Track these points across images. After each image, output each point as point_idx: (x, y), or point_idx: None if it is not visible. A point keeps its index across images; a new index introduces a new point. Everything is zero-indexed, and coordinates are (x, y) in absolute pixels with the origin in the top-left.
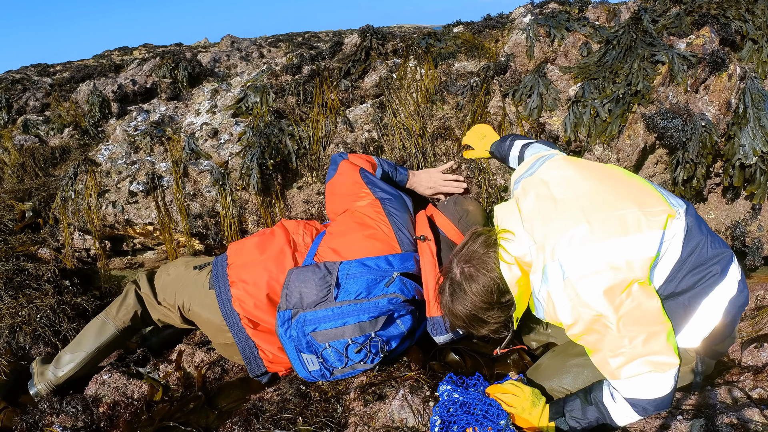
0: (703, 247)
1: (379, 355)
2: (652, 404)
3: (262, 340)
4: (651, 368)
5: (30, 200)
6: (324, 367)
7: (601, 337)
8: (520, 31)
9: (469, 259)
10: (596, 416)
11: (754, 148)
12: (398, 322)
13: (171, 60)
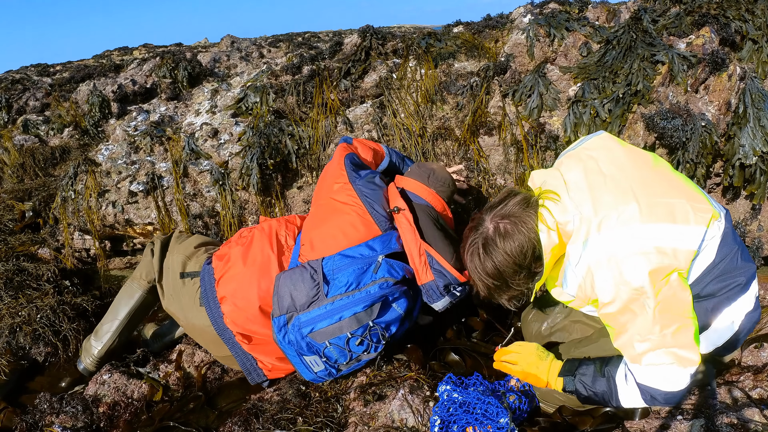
0: (734, 256)
1: (381, 343)
2: (662, 396)
3: (259, 352)
4: (673, 360)
5: (30, 200)
6: (329, 365)
7: (632, 318)
8: (520, 31)
9: (506, 216)
10: (604, 389)
11: (754, 148)
12: (394, 306)
13: (171, 60)
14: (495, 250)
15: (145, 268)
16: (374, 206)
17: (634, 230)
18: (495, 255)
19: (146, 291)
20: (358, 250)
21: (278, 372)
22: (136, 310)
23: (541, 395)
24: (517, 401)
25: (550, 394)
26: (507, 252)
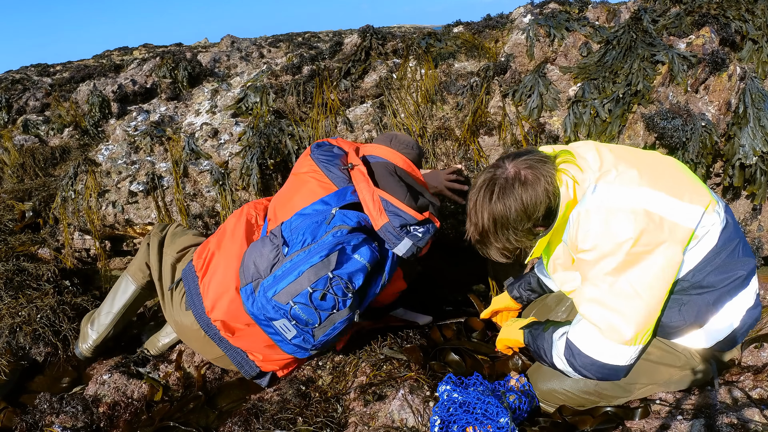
0: (736, 247)
1: (348, 297)
2: (580, 358)
3: (246, 342)
4: (603, 326)
5: (30, 200)
6: (300, 329)
7: (600, 265)
8: (520, 31)
9: (529, 166)
10: (543, 344)
11: (754, 148)
12: (355, 256)
13: (171, 60)
14: (511, 194)
15: (139, 266)
16: (330, 168)
17: (629, 189)
18: (508, 199)
19: (141, 287)
20: (312, 207)
21: (271, 362)
22: (131, 305)
23: (541, 395)
24: (517, 401)
25: (551, 393)
26: (522, 199)
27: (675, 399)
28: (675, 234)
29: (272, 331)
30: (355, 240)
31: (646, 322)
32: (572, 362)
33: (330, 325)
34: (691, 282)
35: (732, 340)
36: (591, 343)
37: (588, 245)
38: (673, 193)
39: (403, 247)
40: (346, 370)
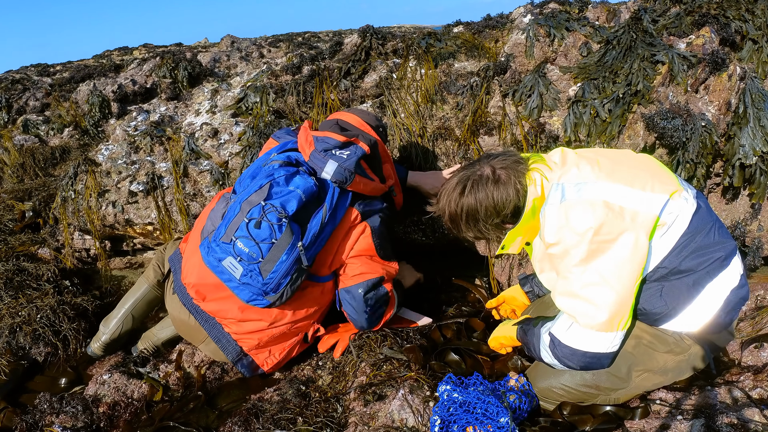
0: (710, 231)
1: (283, 222)
2: (562, 349)
3: (216, 305)
4: (579, 316)
5: (30, 200)
6: (246, 265)
7: (567, 262)
8: (520, 31)
9: (504, 167)
10: (532, 339)
11: (754, 148)
12: (289, 187)
13: (171, 60)
14: (482, 190)
15: (152, 266)
16: (280, 135)
17: (588, 184)
18: (479, 194)
19: (152, 285)
20: (258, 162)
21: (246, 336)
22: (141, 302)
23: (540, 392)
24: (517, 401)
25: (549, 390)
26: (493, 196)
27: (675, 399)
28: (636, 221)
29: (226, 276)
30: (285, 171)
31: (620, 308)
32: (556, 353)
33: (274, 259)
34: (669, 268)
35: (720, 321)
36: (569, 334)
37: (552, 239)
38: (632, 184)
39: (330, 169)
40: (346, 370)
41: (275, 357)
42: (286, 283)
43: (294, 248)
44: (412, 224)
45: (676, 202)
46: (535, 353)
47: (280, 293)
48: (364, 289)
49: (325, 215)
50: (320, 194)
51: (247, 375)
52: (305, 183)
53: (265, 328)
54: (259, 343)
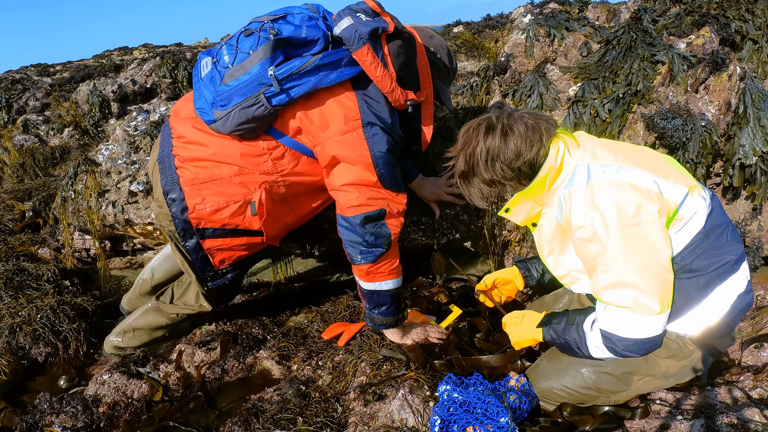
0: (723, 231)
1: (270, 38)
2: (620, 343)
3: (176, 127)
4: (631, 304)
5: (30, 200)
6: (215, 66)
7: (601, 250)
8: (520, 31)
9: (534, 115)
10: (574, 337)
11: (754, 148)
12: (295, 20)
13: (171, 60)
14: (511, 131)
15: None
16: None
17: (614, 167)
18: (508, 134)
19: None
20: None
21: (187, 165)
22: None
23: (540, 393)
24: (518, 401)
25: (549, 391)
26: (522, 135)
27: (675, 399)
28: (660, 204)
29: (195, 78)
30: (304, 12)
31: (665, 287)
32: (614, 349)
33: (241, 70)
34: (681, 265)
35: (724, 326)
36: (626, 326)
37: (580, 222)
38: (655, 172)
39: (344, 24)
40: (346, 370)
41: (206, 210)
42: (238, 102)
43: (264, 69)
44: (412, 224)
45: (694, 198)
46: (579, 352)
47: (227, 111)
48: (360, 219)
49: (314, 62)
50: (325, 47)
51: (179, 229)
52: (314, 25)
53: (206, 157)
54: (196, 179)
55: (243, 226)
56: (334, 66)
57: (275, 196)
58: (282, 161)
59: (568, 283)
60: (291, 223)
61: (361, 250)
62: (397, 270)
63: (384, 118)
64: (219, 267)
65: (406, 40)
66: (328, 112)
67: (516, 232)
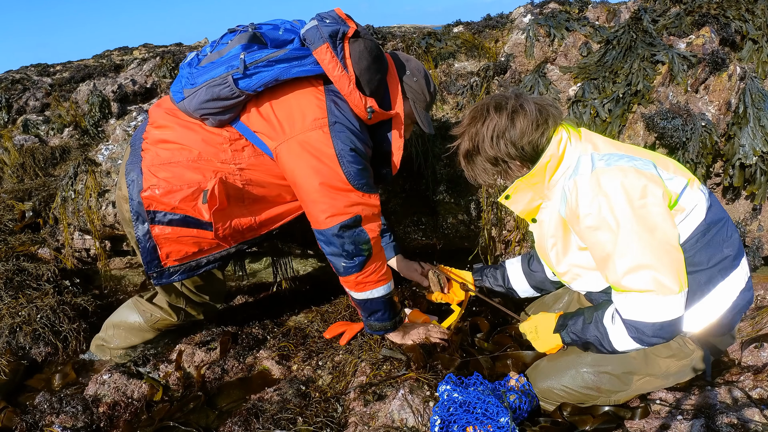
0: (723, 226)
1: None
2: (649, 329)
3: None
4: (653, 286)
5: (30, 200)
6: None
7: (612, 236)
8: (520, 31)
9: (542, 100)
10: (595, 334)
11: (754, 148)
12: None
13: (171, 60)
14: (520, 110)
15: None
16: None
17: (617, 156)
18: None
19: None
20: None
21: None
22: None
23: (540, 393)
24: (517, 401)
25: (550, 391)
26: (530, 114)
27: (675, 399)
28: (663, 188)
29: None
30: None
31: (679, 265)
32: (641, 338)
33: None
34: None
35: (725, 323)
36: (652, 310)
37: (587, 210)
38: (659, 163)
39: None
40: (346, 370)
41: (158, 190)
42: (207, 80)
43: (237, 55)
44: (411, 224)
45: (693, 190)
46: (603, 348)
47: (196, 88)
48: (336, 230)
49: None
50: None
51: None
52: (291, 30)
53: (169, 139)
54: (155, 159)
55: (193, 215)
56: (301, 61)
57: (230, 189)
58: (242, 153)
59: (569, 281)
60: (246, 228)
61: (344, 262)
62: (386, 276)
63: (351, 121)
64: (165, 262)
65: (369, 47)
66: (294, 108)
67: (516, 232)
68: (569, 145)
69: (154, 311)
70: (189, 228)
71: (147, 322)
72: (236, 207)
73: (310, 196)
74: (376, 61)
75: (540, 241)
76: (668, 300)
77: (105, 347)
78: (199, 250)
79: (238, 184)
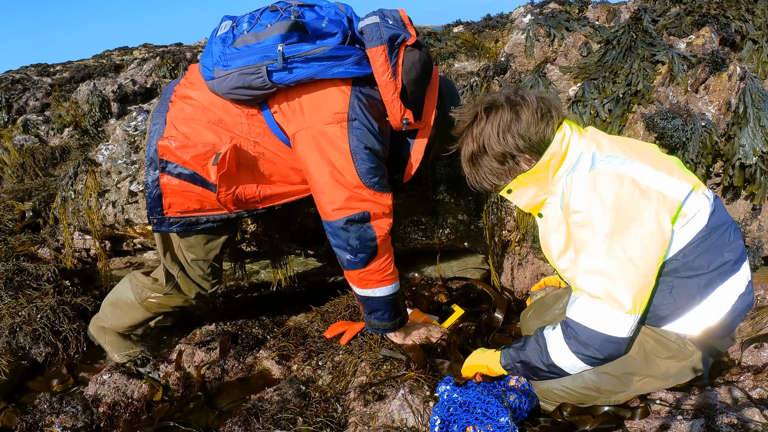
0: (726, 230)
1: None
2: (584, 332)
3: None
4: (602, 295)
5: (30, 200)
6: (230, 29)
7: (591, 236)
8: (520, 31)
9: (546, 97)
10: (534, 348)
11: (754, 148)
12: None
13: (171, 60)
14: (523, 104)
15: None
16: None
17: (619, 159)
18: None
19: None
20: None
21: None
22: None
23: (540, 393)
24: (517, 401)
25: (550, 391)
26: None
27: (675, 399)
28: (662, 202)
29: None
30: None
31: (642, 289)
32: (576, 338)
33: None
34: (682, 262)
35: (724, 326)
36: (593, 316)
37: (578, 206)
38: (659, 168)
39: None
40: (346, 370)
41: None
42: (240, 66)
43: (275, 43)
44: (411, 224)
45: (698, 196)
46: (540, 363)
47: (227, 72)
48: (342, 223)
49: (323, 51)
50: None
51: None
52: (336, 21)
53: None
54: (179, 113)
55: (201, 173)
56: (341, 61)
57: (242, 158)
58: (257, 130)
59: (570, 277)
60: (249, 199)
61: (348, 256)
62: (391, 276)
63: (372, 121)
64: (167, 211)
65: (424, 59)
66: (318, 101)
67: (516, 232)
68: (573, 142)
69: (146, 285)
70: (195, 185)
71: (138, 298)
72: (244, 175)
73: (320, 186)
74: (425, 75)
75: (544, 236)
76: (613, 314)
77: (102, 329)
78: (200, 207)
79: (251, 153)
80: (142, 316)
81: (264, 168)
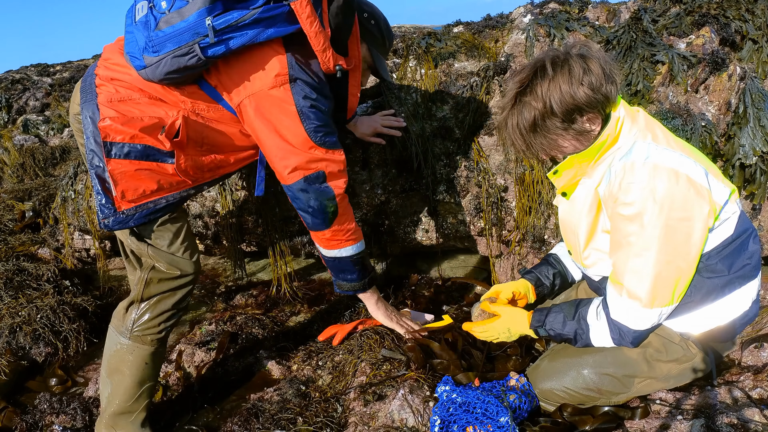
0: (748, 237)
1: None
2: (629, 334)
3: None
4: (646, 298)
5: (30, 200)
6: (149, 11)
7: (639, 232)
8: (520, 31)
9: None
10: (575, 329)
11: (754, 148)
12: None
13: None
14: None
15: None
16: None
17: (676, 154)
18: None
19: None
20: None
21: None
22: None
23: (540, 394)
24: (517, 401)
25: (550, 392)
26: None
27: (675, 399)
28: (711, 204)
29: (128, 20)
30: None
31: (681, 287)
32: (622, 339)
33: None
34: (705, 264)
35: (730, 330)
36: (637, 318)
37: (630, 198)
38: (708, 168)
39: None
40: (346, 370)
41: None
42: (171, 49)
43: (202, 18)
44: (411, 224)
45: (732, 203)
46: (578, 340)
47: (159, 58)
48: (300, 185)
49: (253, 15)
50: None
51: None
52: None
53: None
54: (114, 96)
55: (155, 144)
56: (273, 21)
57: (191, 130)
58: (201, 104)
59: (588, 264)
60: (207, 164)
61: (312, 218)
62: (355, 234)
63: (311, 76)
64: (119, 204)
65: (347, 3)
66: (256, 66)
67: (516, 232)
68: (625, 126)
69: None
70: (148, 161)
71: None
72: (196, 146)
73: (273, 151)
74: (351, 14)
75: (567, 217)
76: (654, 312)
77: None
78: (158, 188)
79: (199, 125)
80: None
81: (216, 137)
